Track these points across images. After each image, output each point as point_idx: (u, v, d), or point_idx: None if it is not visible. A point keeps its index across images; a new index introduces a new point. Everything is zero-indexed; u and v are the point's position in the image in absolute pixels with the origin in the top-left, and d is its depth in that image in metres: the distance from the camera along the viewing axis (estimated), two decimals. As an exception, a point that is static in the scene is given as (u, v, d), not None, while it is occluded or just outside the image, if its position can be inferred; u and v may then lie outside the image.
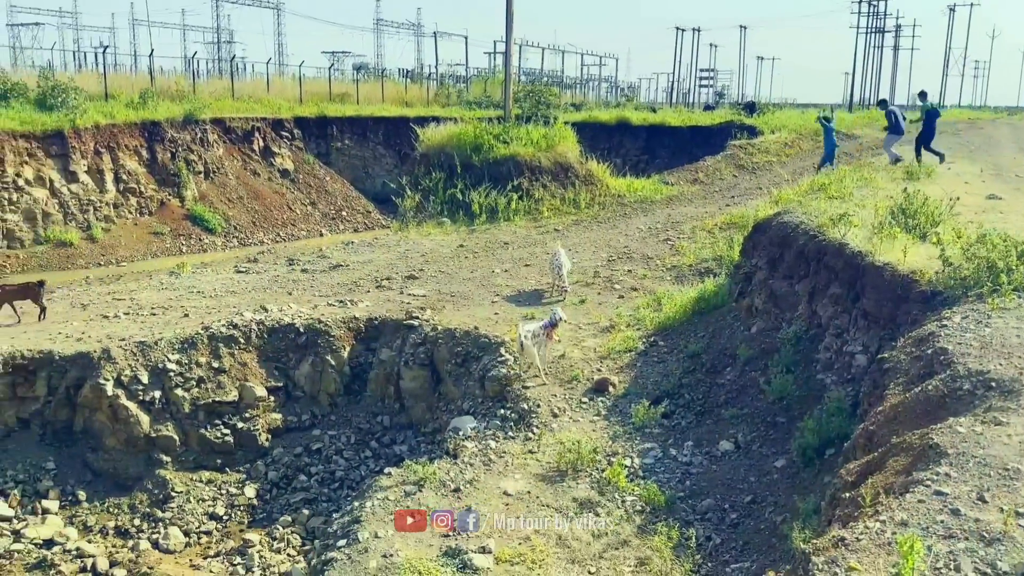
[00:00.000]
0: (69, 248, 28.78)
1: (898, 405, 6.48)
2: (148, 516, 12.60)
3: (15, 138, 27.98)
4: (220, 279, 17.82)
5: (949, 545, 4.44)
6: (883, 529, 4.62)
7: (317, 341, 14.57)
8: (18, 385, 13.21)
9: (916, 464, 5.31)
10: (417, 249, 19.84)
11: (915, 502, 4.88)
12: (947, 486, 5.03)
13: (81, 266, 28.15)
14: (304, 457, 13.81)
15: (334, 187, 37.17)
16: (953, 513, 4.78)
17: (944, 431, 5.63)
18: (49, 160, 29.35)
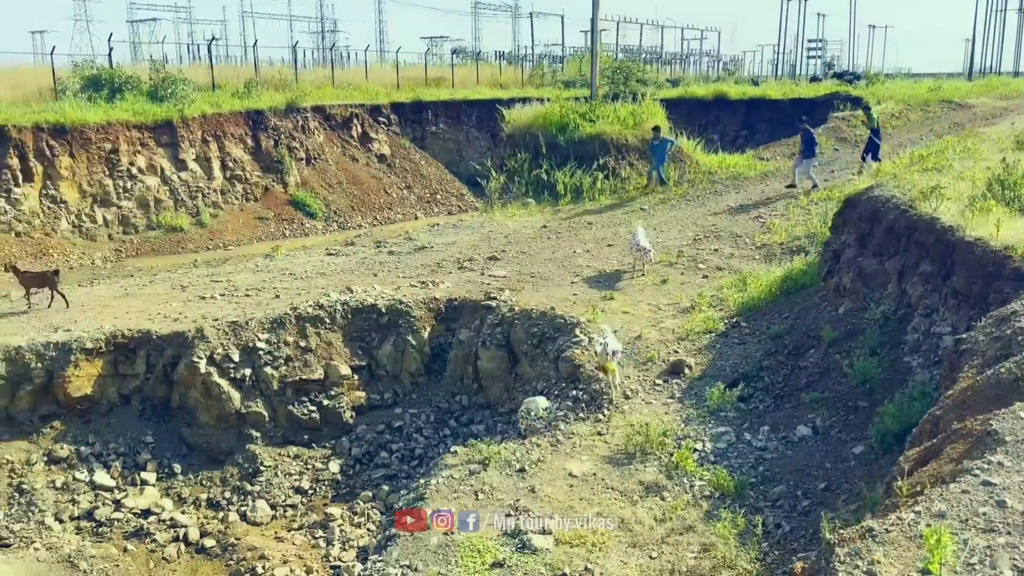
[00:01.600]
0: (179, 233, 30.32)
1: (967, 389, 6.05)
2: (238, 489, 13.18)
3: (129, 128, 29.62)
4: (311, 262, 18.38)
5: (988, 539, 4.10)
6: (917, 520, 4.31)
7: (399, 321, 14.85)
8: (120, 363, 14.00)
9: (971, 451, 4.94)
10: (500, 230, 19.90)
11: (958, 492, 4.54)
12: (997, 476, 4.65)
13: (191, 250, 29.63)
14: (386, 434, 14.14)
15: (429, 171, 37.69)
16: (998, 505, 4.42)
17: (1006, 416, 5.21)
18: (160, 149, 30.96)
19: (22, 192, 27.73)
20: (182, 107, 31.44)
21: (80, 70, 32.02)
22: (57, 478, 12.76)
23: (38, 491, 12.46)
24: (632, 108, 23.87)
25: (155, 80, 32.07)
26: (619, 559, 8.00)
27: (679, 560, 7.99)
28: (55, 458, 13.03)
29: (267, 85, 36.79)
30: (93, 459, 13.16)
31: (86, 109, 29.12)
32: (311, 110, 35.73)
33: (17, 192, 27.59)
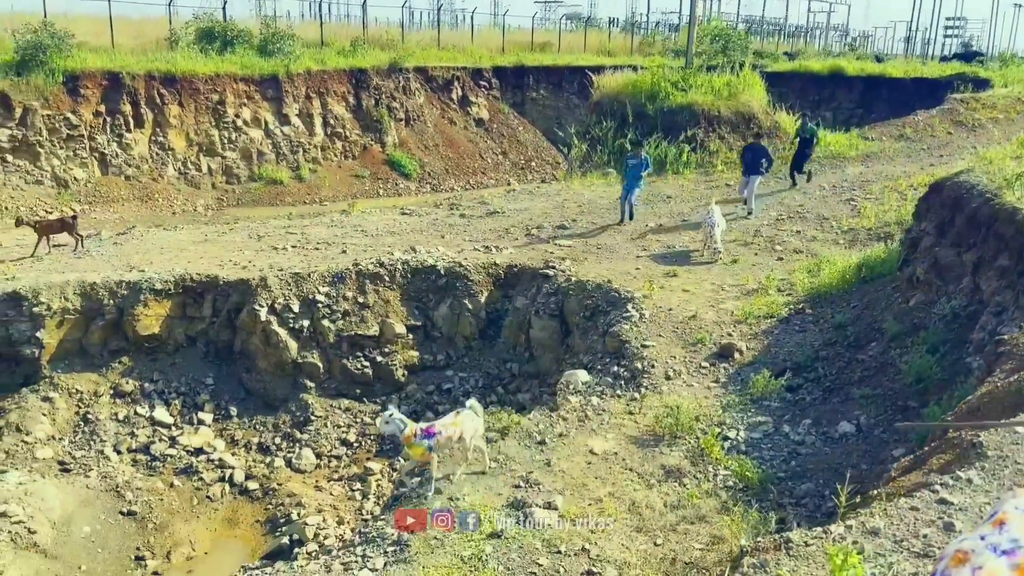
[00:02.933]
0: (279, 186, 31.28)
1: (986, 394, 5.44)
2: (288, 436, 13.54)
3: (236, 81, 30.60)
4: (384, 220, 18.56)
5: (916, 566, 3.61)
6: (844, 535, 3.85)
7: (456, 284, 14.81)
8: (188, 305, 14.55)
9: (951, 463, 4.40)
10: (575, 199, 19.51)
11: (906, 508, 4.04)
12: (959, 494, 4.10)
13: (288, 203, 30.54)
14: (434, 396, 14.20)
15: (526, 137, 37.43)
16: (944, 528, 3.89)
17: (1000, 429, 4.61)
18: (265, 103, 31.88)
19: (133, 137, 29.18)
20: (288, 63, 32.20)
21: (195, 23, 33.25)
22: (120, 411, 13.43)
23: (101, 422, 13.16)
24: (728, 79, 22.80)
25: (265, 35, 32.95)
26: (621, 542, 7.71)
27: (684, 550, 7.63)
28: (120, 392, 13.71)
29: (373, 44, 37.22)
30: (155, 396, 13.78)
31: (196, 60, 30.26)
32: (413, 71, 35.97)
33: (128, 137, 29.05)
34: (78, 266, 15.45)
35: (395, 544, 7.70)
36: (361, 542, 7.93)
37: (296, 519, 11.62)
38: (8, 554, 9.59)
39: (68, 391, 13.48)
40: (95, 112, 28.47)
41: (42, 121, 27.20)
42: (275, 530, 11.64)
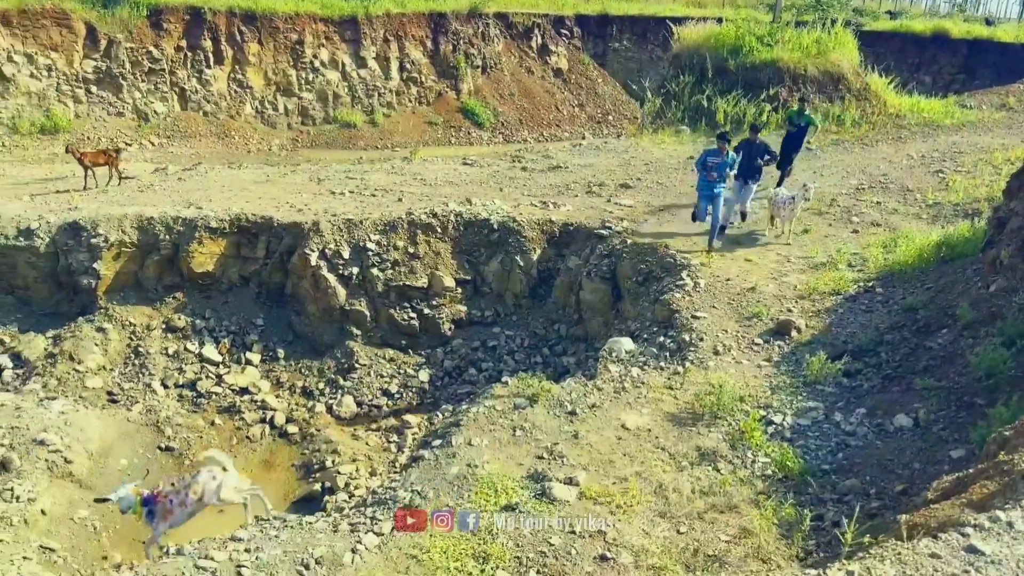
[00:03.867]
0: (352, 129, 31.23)
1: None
2: (331, 382, 13.50)
3: (315, 21, 30.48)
4: (444, 169, 18.19)
5: None
6: None
7: (509, 240, 14.39)
8: (242, 245, 14.56)
9: (994, 497, 3.78)
10: (643, 157, 18.72)
11: (925, 555, 3.46)
12: (994, 542, 3.48)
13: (360, 147, 30.48)
14: (479, 352, 13.92)
15: (604, 89, 36.34)
16: None
17: None
18: (343, 45, 31.71)
19: (212, 74, 29.47)
20: (368, 4, 31.88)
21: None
22: (171, 346, 13.61)
23: (151, 356, 13.36)
24: (818, 35, 21.33)
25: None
26: (641, 526, 7.30)
27: (708, 541, 7.17)
28: (172, 327, 13.87)
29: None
30: (206, 333, 13.90)
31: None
32: (493, 16, 35.19)
33: (208, 73, 29.35)
34: (139, 199, 15.65)
35: (406, 508, 7.46)
36: (373, 503, 7.73)
37: (330, 467, 11.58)
38: (43, 481, 9.80)
39: (122, 323, 13.72)
40: (176, 47, 28.81)
41: (125, 54, 27.68)
42: (309, 475, 11.64)
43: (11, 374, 12.85)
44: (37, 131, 25.45)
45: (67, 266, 14.01)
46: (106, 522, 10.06)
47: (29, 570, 8.30)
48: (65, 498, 9.90)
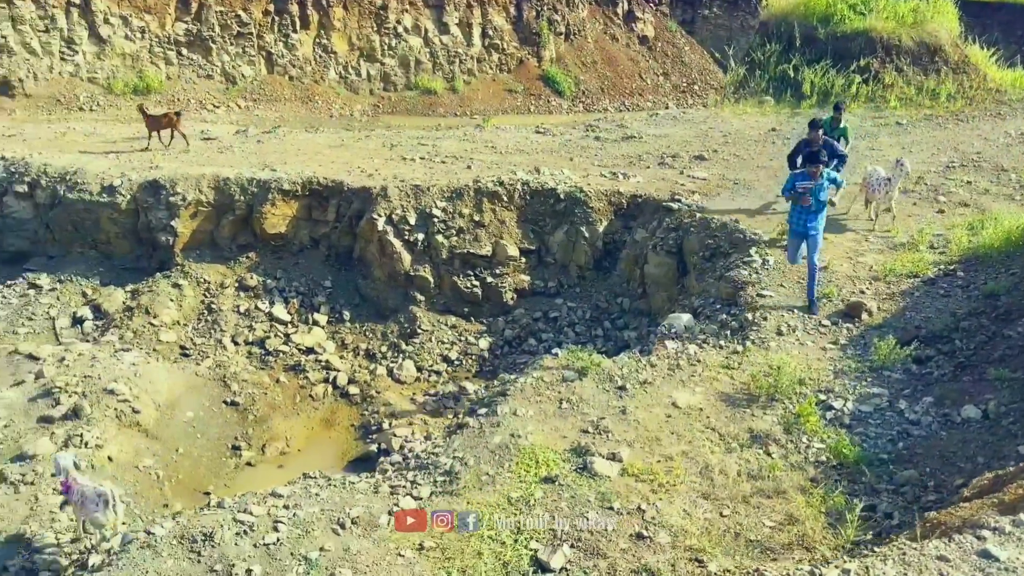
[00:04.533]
0: (432, 96, 31.28)
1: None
2: (394, 346, 13.67)
3: (398, -13, 30.50)
4: (515, 138, 18.05)
5: None
6: None
7: (575, 210, 14.19)
8: (313, 208, 14.81)
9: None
10: (722, 128, 18.12)
11: (934, 556, 3.19)
12: (1011, 546, 3.18)
13: (440, 114, 30.55)
14: (540, 323, 13.84)
15: (691, 58, 35.32)
16: None
17: None
18: (426, 10, 31.68)
19: (299, 38, 29.91)
20: (452, -31, 31.71)
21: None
22: (242, 304, 14.00)
23: (223, 313, 13.77)
24: (915, 4, 20.10)
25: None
26: (683, 507, 7.14)
27: (751, 525, 6.96)
28: (244, 286, 14.26)
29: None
30: (276, 293, 14.24)
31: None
32: (579, -19, 34.54)
33: (294, 38, 29.80)
34: (218, 160, 16.07)
35: (446, 474, 7.51)
36: (415, 467, 7.80)
37: (387, 429, 11.75)
38: (111, 430, 10.25)
39: (197, 280, 14.17)
40: (264, 11, 29.32)
41: (215, 17, 28.34)
42: (367, 436, 11.85)
43: (91, 325, 13.46)
44: (130, 91, 26.37)
45: (147, 223, 14.54)
46: (169, 472, 10.50)
47: (93, 512, 8.69)
48: (132, 446, 10.35)
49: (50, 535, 8.22)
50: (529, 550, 6.60)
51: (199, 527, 6.49)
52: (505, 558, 6.55)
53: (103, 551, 7.30)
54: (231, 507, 6.90)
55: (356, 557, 6.36)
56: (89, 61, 26.64)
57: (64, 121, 22.02)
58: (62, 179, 14.90)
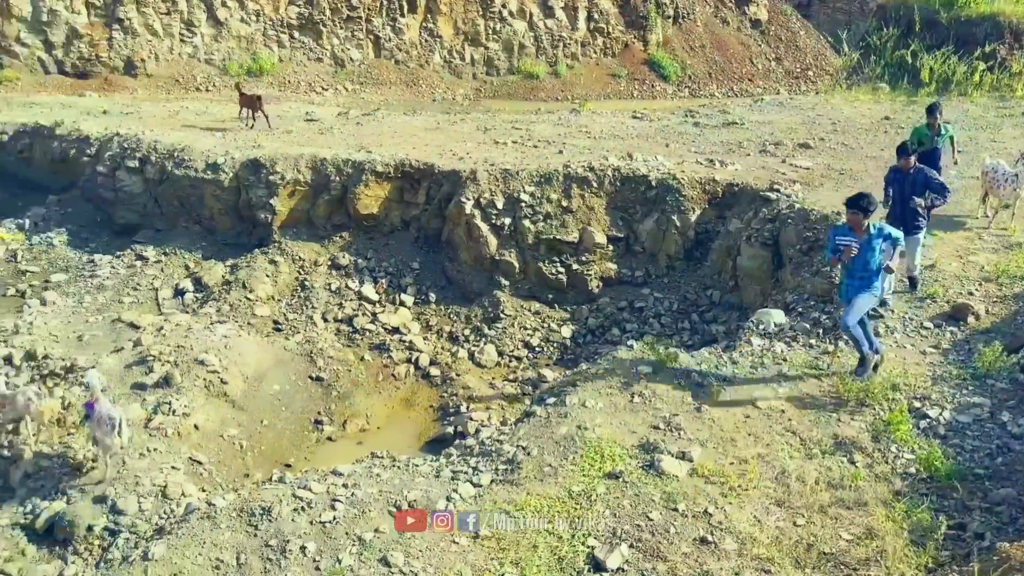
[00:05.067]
0: (534, 80, 31.12)
1: None
2: (476, 330, 13.66)
3: (504, -29, 30.39)
4: (611, 123, 17.70)
5: None
6: None
7: (666, 198, 13.79)
8: (405, 190, 14.95)
9: None
10: (831, 115, 17.22)
11: None
12: None
13: (541, 99, 30.35)
14: (625, 312, 13.55)
15: (806, 43, 33.79)
16: None
17: None
18: (532, -7, 31.50)
19: (406, 23, 30.28)
20: (559, -49, 31.37)
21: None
22: (333, 282, 14.28)
23: (315, 290, 14.09)
24: (1052, -14, 18.56)
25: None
26: (753, 512, 6.79)
27: (826, 537, 6.55)
28: (337, 264, 14.55)
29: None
30: (366, 272, 14.46)
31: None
32: (690, -37, 33.58)
33: (401, 22, 30.19)
34: (317, 141, 16.43)
35: (508, 463, 7.39)
36: (478, 453, 7.72)
37: (464, 411, 11.76)
38: (200, 399, 10.63)
39: (292, 257, 14.54)
40: (373, -6, 29.85)
41: (327, 1, 29.02)
42: (444, 418, 11.90)
43: (192, 297, 14.01)
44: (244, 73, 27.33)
45: (247, 200, 15.02)
46: (252, 442, 10.81)
47: (175, 479, 9.03)
48: (218, 416, 10.70)
49: (133, 498, 8.56)
50: (586, 547, 6.42)
51: (259, 501, 6.62)
52: (561, 553, 6.39)
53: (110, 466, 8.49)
54: (292, 483, 7.01)
55: (410, 541, 6.35)
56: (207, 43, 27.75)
57: (180, 100, 23.06)
58: (170, 155, 15.57)
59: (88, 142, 17.11)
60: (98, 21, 25.93)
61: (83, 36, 25.71)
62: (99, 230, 16.13)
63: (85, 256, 15.24)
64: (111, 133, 16.82)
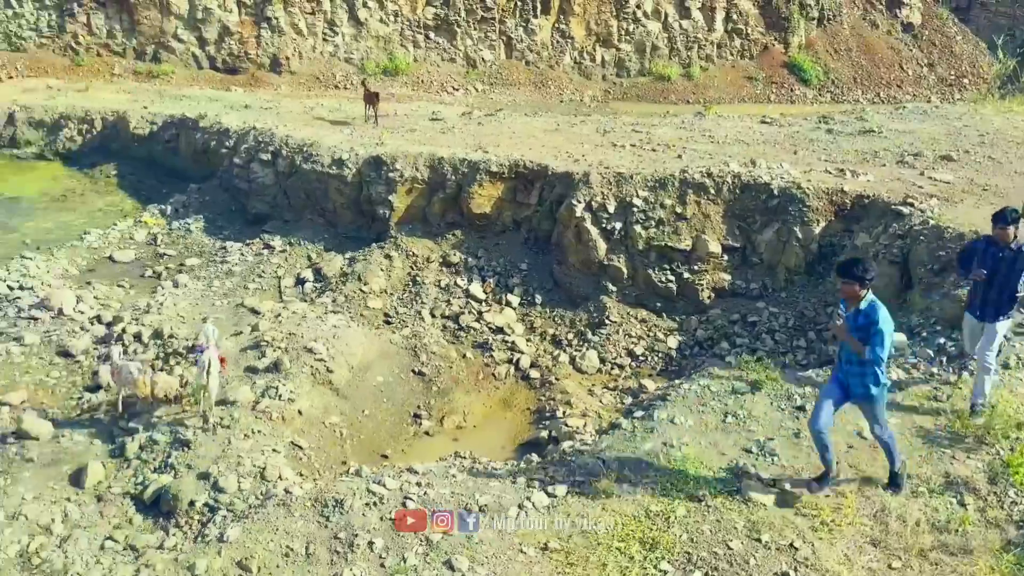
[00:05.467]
0: (665, 83, 30.55)
1: None
2: (580, 334, 13.48)
3: (641, -29, 29.96)
4: (737, 127, 17.05)
5: None
6: None
7: (789, 208, 13.14)
8: (518, 191, 14.95)
9: None
10: (980, 126, 15.90)
11: None
12: None
13: (672, 101, 29.76)
14: (736, 326, 13.01)
15: (963, 48, 31.52)
16: None
17: None
18: (667, -7, 30.90)
19: (538, 23, 30.39)
20: (698, -49, 30.64)
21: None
22: (443, 279, 14.47)
23: (426, 286, 14.30)
24: None
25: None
26: (844, 551, 6.33)
27: (925, 584, 6.02)
28: (447, 262, 14.73)
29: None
30: (475, 271, 14.56)
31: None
32: (840, -38, 32.02)
33: (534, 23, 30.32)
34: (438, 140, 16.70)
35: (587, 474, 7.21)
36: (558, 462, 7.57)
37: (560, 417, 11.62)
38: (306, 385, 10.99)
39: (406, 253, 14.83)
40: (508, -4, 30.12)
41: (462, 2, 29.54)
42: (540, 422, 11.78)
43: (311, 287, 14.53)
44: (380, 72, 28.22)
45: (368, 196, 15.45)
46: (352, 431, 11.08)
47: (275, 461, 9.36)
48: (321, 403, 11.03)
49: (233, 477, 8.93)
50: (658, 571, 6.17)
51: (333, 493, 6.74)
52: (631, 574, 6.17)
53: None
54: (367, 477, 7.10)
55: (477, 546, 6.29)
56: (347, 42, 28.83)
57: (318, 97, 24.02)
58: (300, 150, 16.24)
59: (227, 134, 18.12)
60: (248, 19, 27.43)
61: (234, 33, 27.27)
62: (233, 218, 17.03)
63: (218, 243, 16.12)
64: (248, 127, 17.74)
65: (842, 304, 6.85)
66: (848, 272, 6.63)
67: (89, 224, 17.07)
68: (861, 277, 6.57)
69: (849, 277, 6.62)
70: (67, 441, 10.01)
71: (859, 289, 6.58)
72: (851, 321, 6.62)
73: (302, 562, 6.18)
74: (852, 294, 6.65)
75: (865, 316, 6.57)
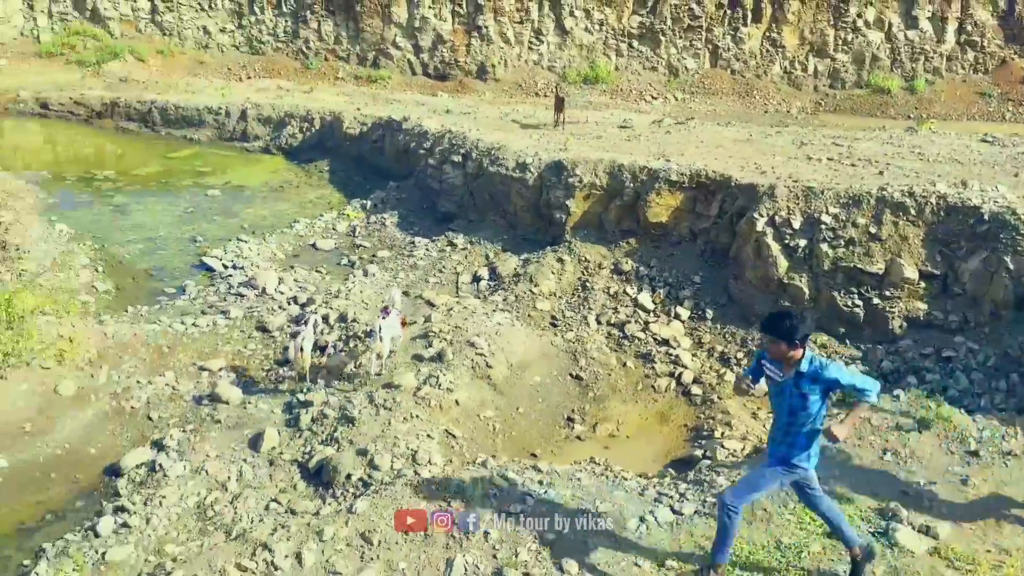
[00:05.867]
0: (884, 96, 28.63)
1: None
2: (751, 355, 12.86)
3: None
4: (952, 145, 15.55)
5: None
6: None
7: (1000, 235, 11.82)
8: (698, 201, 14.56)
9: None
10: None
11: None
12: None
13: (890, 116, 27.79)
14: (928, 360, 11.84)
15: None
16: None
17: None
18: (893, 3, 28.92)
19: (747, 32, 29.51)
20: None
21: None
22: (612, 286, 14.38)
23: (594, 292, 14.29)
24: None
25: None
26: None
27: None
28: (619, 269, 14.63)
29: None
30: (646, 280, 14.36)
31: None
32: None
33: (743, 31, 29.48)
34: (621, 147, 16.67)
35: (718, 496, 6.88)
36: (692, 480, 7.29)
37: (717, 437, 11.18)
38: (465, 377, 11.34)
39: (579, 258, 14.90)
40: (717, 4, 29.47)
41: (669, 10, 29.28)
42: (696, 440, 11.38)
43: (486, 284, 14.97)
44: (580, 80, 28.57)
45: (547, 200, 15.69)
46: (505, 426, 11.27)
47: (427, 447, 9.74)
48: (478, 396, 11.33)
49: (388, 457, 9.39)
50: (779, 605, 5.79)
51: (457, 479, 6.90)
52: (750, 604, 5.83)
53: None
54: (493, 468, 7.20)
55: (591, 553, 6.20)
56: (551, 51, 29.46)
57: (517, 104, 24.73)
58: (488, 153, 16.80)
59: (426, 137, 19.12)
60: (460, 28, 28.76)
61: (446, 41, 28.70)
62: (424, 216, 17.93)
63: (408, 237, 17.05)
64: (444, 130, 18.59)
65: (776, 364, 5.47)
66: (774, 329, 5.33)
67: (299, 213, 18.66)
68: (788, 334, 5.22)
69: (775, 335, 5.32)
70: (252, 408, 10.98)
71: (787, 350, 5.28)
72: (790, 388, 5.31)
73: (419, 542, 6.40)
74: (780, 355, 5.34)
75: (815, 370, 5.30)
